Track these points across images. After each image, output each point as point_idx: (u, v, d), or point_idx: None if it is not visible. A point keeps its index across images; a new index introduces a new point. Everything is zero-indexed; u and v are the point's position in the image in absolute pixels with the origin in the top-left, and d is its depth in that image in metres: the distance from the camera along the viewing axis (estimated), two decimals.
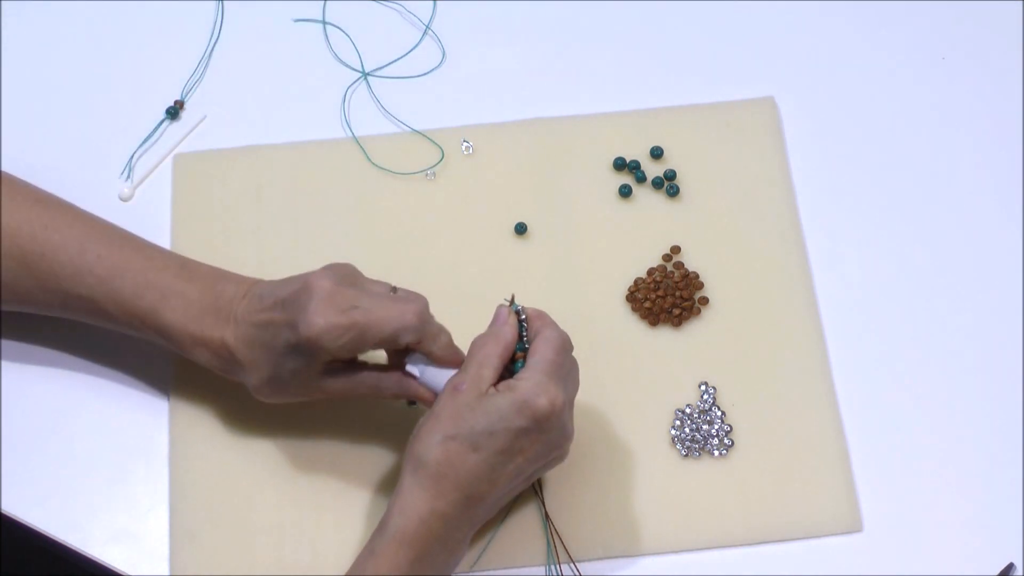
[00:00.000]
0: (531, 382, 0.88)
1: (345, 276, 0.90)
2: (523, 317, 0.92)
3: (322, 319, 0.87)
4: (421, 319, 0.89)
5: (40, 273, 0.94)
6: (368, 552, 0.88)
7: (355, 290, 0.90)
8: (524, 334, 0.92)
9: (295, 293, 0.89)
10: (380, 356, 0.94)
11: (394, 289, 0.92)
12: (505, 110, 1.12)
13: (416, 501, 0.87)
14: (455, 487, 0.87)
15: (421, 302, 0.90)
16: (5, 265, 0.94)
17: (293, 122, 1.11)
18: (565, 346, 0.91)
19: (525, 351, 0.91)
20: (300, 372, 0.91)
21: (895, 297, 1.05)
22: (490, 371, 0.90)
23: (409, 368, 0.92)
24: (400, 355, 0.92)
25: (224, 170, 1.09)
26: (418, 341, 0.90)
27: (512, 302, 0.93)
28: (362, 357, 0.93)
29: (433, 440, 0.88)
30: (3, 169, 0.99)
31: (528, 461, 0.89)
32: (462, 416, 0.88)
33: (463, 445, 0.87)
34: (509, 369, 0.91)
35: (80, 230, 0.95)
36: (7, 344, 1.03)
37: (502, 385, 0.89)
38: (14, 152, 1.09)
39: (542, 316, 0.93)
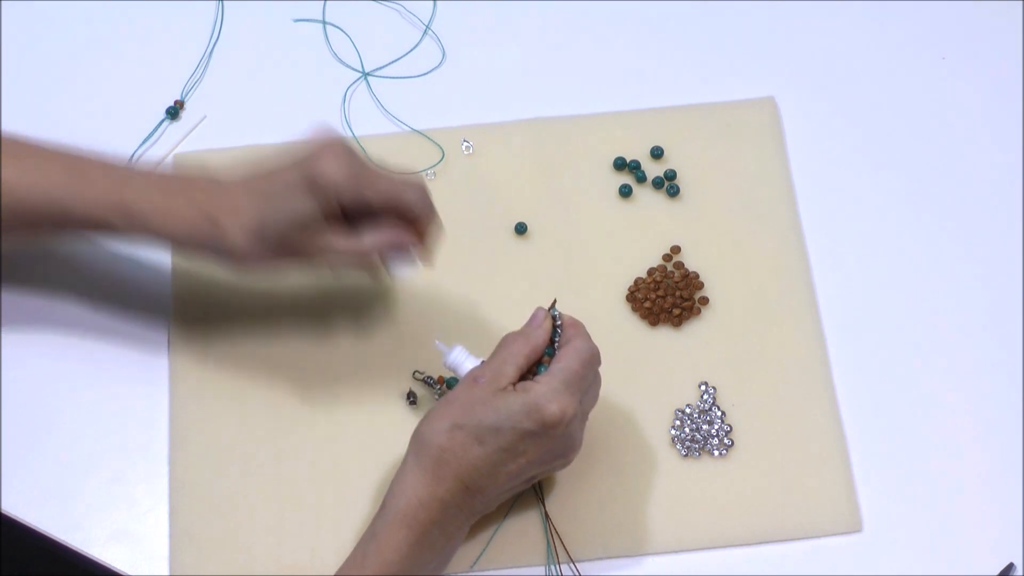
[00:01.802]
0: (546, 387, 0.88)
1: (350, 145, 0.92)
2: (559, 323, 0.92)
3: (335, 159, 0.90)
4: (422, 197, 0.92)
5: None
6: (370, 535, 0.89)
7: (363, 158, 0.92)
8: (556, 339, 0.92)
9: (305, 147, 0.91)
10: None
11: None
12: (505, 110, 1.12)
13: (416, 484, 0.88)
14: (454, 475, 0.88)
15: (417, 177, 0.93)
16: None
17: (293, 122, 1.11)
18: (592, 360, 0.92)
19: (552, 356, 0.91)
20: (295, 223, 0.90)
21: (895, 297, 1.06)
22: (513, 369, 0.90)
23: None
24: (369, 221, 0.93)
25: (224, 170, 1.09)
26: (421, 217, 0.92)
27: (552, 307, 0.93)
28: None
29: (441, 426, 0.88)
30: None
31: (530, 464, 0.90)
32: (474, 408, 0.88)
33: (469, 436, 0.88)
34: (533, 371, 0.91)
35: (37, 152, 0.95)
36: (7, 344, 1.03)
37: (519, 385, 0.89)
38: None
39: (577, 325, 0.93)
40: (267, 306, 1.04)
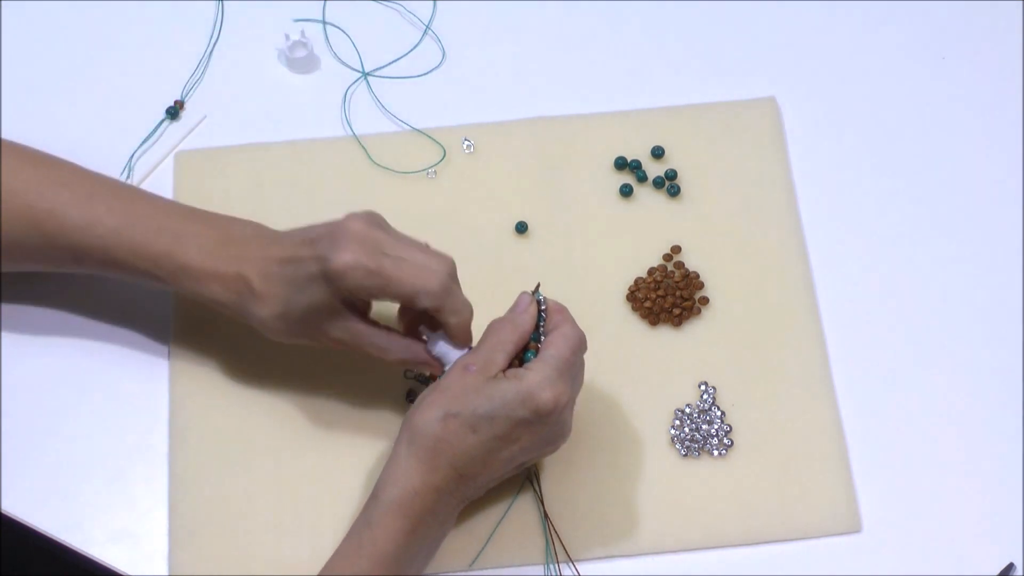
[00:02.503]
0: (540, 375, 0.88)
1: (377, 222, 0.91)
2: (543, 308, 0.93)
3: (351, 255, 0.88)
4: (444, 288, 0.90)
5: (50, 230, 0.94)
6: (364, 522, 0.89)
7: (386, 235, 0.91)
8: (541, 325, 0.92)
9: (327, 230, 0.90)
10: (393, 310, 0.95)
11: (426, 245, 0.92)
12: (505, 110, 1.12)
13: (411, 473, 0.88)
14: (448, 463, 0.88)
15: (446, 267, 0.91)
16: (14, 226, 0.94)
17: (293, 122, 1.11)
18: (580, 345, 0.92)
19: (538, 341, 0.92)
20: (313, 309, 0.91)
21: (895, 297, 1.05)
22: (502, 356, 0.90)
23: (425, 333, 0.94)
24: (414, 321, 0.94)
25: (225, 169, 1.09)
26: (437, 309, 0.91)
27: (536, 291, 0.93)
28: (378, 313, 0.95)
29: (434, 414, 0.89)
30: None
31: (523, 450, 0.90)
32: (467, 396, 0.89)
33: (462, 425, 0.88)
34: (520, 357, 0.92)
35: (87, 185, 0.95)
36: (7, 343, 1.03)
37: (511, 372, 0.90)
38: None
39: (563, 311, 0.93)
40: None
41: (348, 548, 0.90)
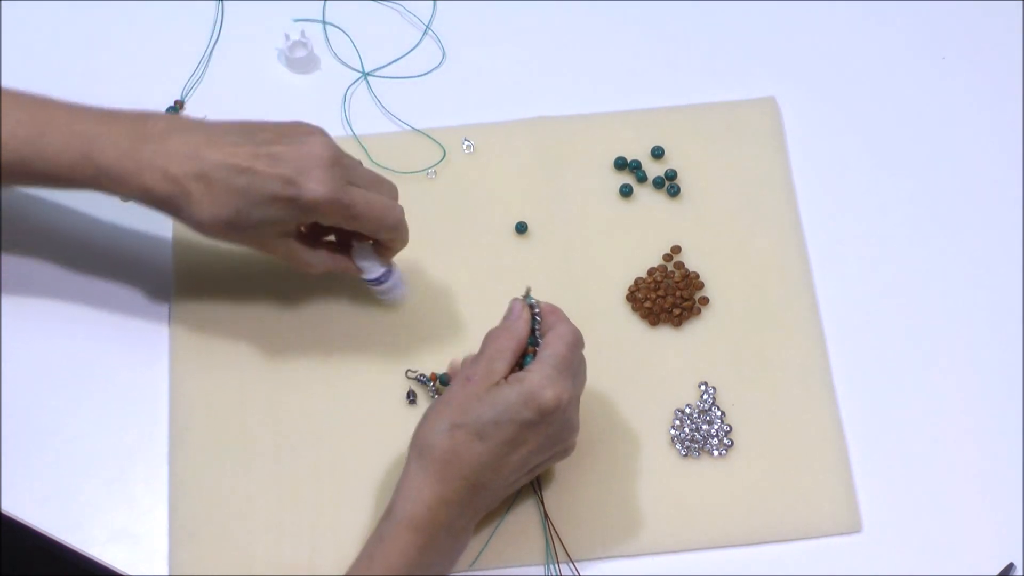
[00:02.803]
0: (540, 375, 0.89)
1: (335, 146, 0.93)
2: (537, 311, 0.93)
3: (327, 189, 0.90)
4: (400, 222, 0.95)
5: None
6: (376, 538, 0.89)
7: (347, 161, 0.93)
8: (536, 328, 0.92)
9: (291, 152, 0.91)
10: None
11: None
12: (505, 110, 1.12)
13: (422, 488, 0.88)
14: (460, 475, 0.88)
15: (396, 196, 0.96)
16: None
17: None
18: (577, 342, 0.92)
19: (536, 345, 0.92)
20: (265, 223, 0.92)
21: (895, 297, 1.05)
22: (502, 364, 0.90)
23: (353, 241, 0.97)
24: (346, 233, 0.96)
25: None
26: (390, 240, 0.95)
27: (527, 295, 0.93)
28: None
29: (440, 427, 0.89)
30: None
31: (532, 453, 0.90)
32: (470, 406, 0.89)
33: (469, 434, 0.88)
34: (520, 363, 0.92)
35: None
36: (7, 344, 1.03)
37: (512, 377, 0.90)
38: None
39: (556, 311, 0.94)
40: (267, 312, 1.04)
41: (360, 564, 0.89)
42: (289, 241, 0.95)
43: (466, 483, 0.89)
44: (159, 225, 1.07)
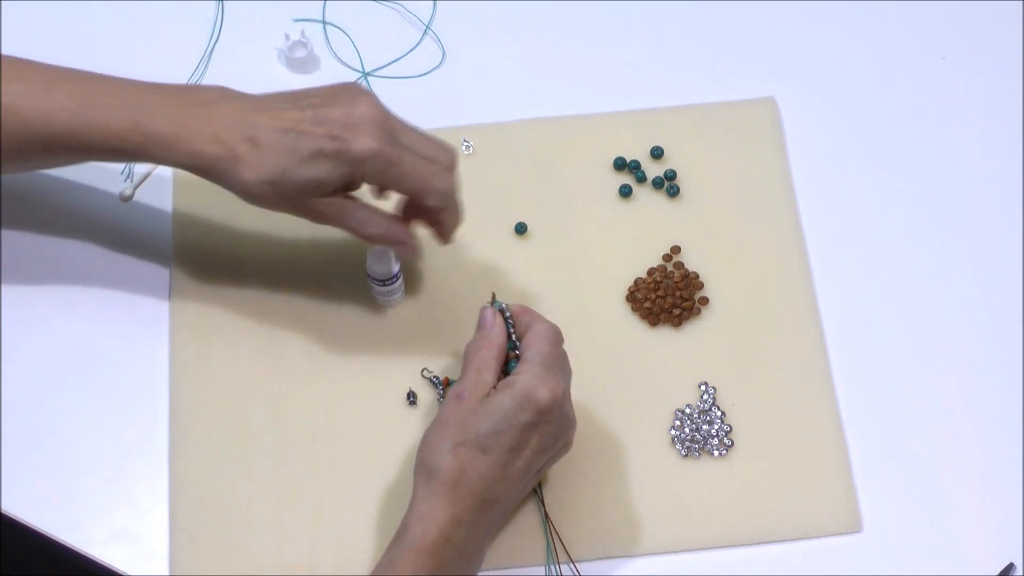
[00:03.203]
0: (530, 375, 0.89)
1: (385, 107, 0.92)
2: (508, 315, 0.93)
3: (375, 142, 0.90)
4: (451, 189, 0.93)
5: (12, 127, 0.93)
6: (387, 563, 0.88)
7: (398, 122, 0.92)
8: (512, 331, 0.92)
9: (340, 110, 0.90)
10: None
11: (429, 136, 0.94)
12: (505, 110, 1.12)
13: (434, 511, 0.87)
14: (471, 492, 0.88)
15: (454, 164, 0.94)
16: None
17: None
18: (557, 337, 0.92)
19: (515, 349, 0.92)
20: (312, 183, 0.91)
21: (895, 297, 1.06)
22: (489, 375, 0.90)
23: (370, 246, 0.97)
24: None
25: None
26: (439, 209, 0.93)
27: (493, 301, 0.93)
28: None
29: (443, 448, 0.88)
30: None
31: (535, 454, 0.90)
32: (468, 421, 0.88)
33: (473, 449, 0.88)
34: (504, 370, 0.92)
35: (42, 75, 0.94)
36: (7, 344, 1.03)
37: (501, 384, 0.90)
38: None
39: (528, 311, 0.94)
40: (268, 313, 1.04)
41: None
42: (337, 200, 0.93)
43: (477, 500, 0.88)
44: (159, 226, 1.07)
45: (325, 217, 0.94)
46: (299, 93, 0.93)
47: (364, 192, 0.95)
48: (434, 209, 0.94)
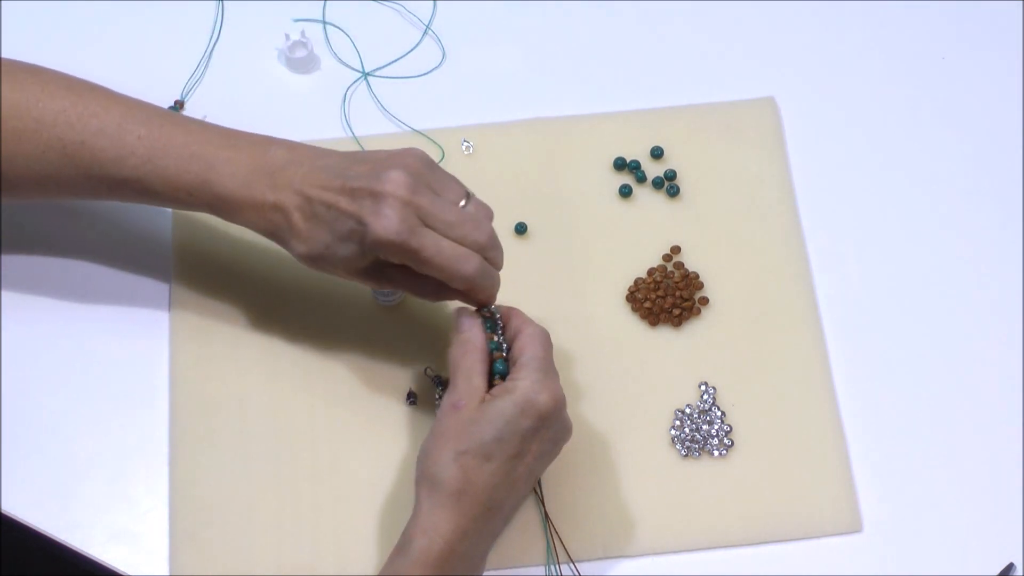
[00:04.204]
0: (529, 381, 0.88)
1: (420, 176, 0.90)
2: (498, 316, 0.93)
3: (392, 229, 0.87)
4: (478, 272, 0.90)
5: (82, 161, 0.93)
6: (391, 574, 0.88)
7: (429, 198, 0.89)
8: (500, 334, 0.92)
9: (368, 188, 0.89)
10: None
11: (468, 197, 0.92)
12: (505, 110, 1.12)
13: (438, 522, 0.87)
14: (477, 501, 0.87)
15: (484, 244, 0.91)
16: (49, 158, 0.93)
17: (293, 122, 1.11)
18: (548, 340, 0.92)
19: (501, 349, 0.92)
20: (350, 258, 0.91)
21: (895, 297, 1.06)
22: (479, 379, 0.90)
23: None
24: None
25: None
26: (467, 290, 0.91)
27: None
28: None
29: (445, 458, 0.87)
30: None
31: (536, 459, 0.90)
32: (468, 430, 0.88)
33: (476, 458, 0.87)
34: (491, 371, 0.91)
35: (118, 113, 0.94)
36: (7, 344, 1.03)
37: (498, 390, 0.89)
38: None
39: (518, 313, 0.93)
40: (267, 314, 1.04)
41: None
42: (387, 271, 0.93)
43: (482, 508, 0.88)
44: (159, 226, 1.07)
45: (383, 284, 0.94)
46: (358, 156, 0.92)
47: None
48: (462, 290, 0.92)
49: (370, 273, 0.93)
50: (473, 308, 0.94)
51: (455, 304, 1.02)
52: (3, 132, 0.92)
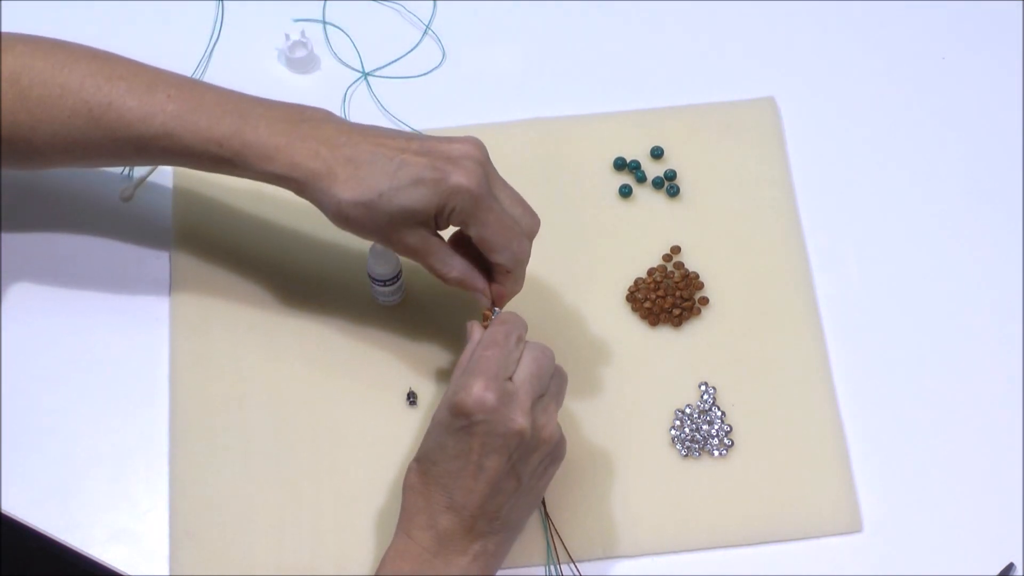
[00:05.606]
0: (455, 383, 0.88)
1: (487, 155, 0.92)
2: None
3: (472, 178, 0.89)
4: (525, 255, 0.92)
5: (110, 123, 0.92)
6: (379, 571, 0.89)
7: (495, 173, 0.92)
8: None
9: (440, 149, 0.90)
10: None
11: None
12: (505, 110, 1.12)
13: (411, 527, 0.89)
14: (440, 507, 0.88)
15: (533, 233, 0.93)
16: (75, 122, 0.93)
17: None
18: (496, 339, 0.89)
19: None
20: (406, 210, 0.90)
21: (895, 297, 1.06)
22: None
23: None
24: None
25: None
26: (507, 270, 0.92)
27: (493, 312, 0.93)
28: None
29: (409, 469, 0.90)
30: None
31: (486, 456, 0.87)
32: (423, 441, 0.90)
33: (423, 464, 0.89)
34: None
35: (145, 76, 0.94)
36: (7, 344, 1.03)
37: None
38: None
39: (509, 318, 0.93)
40: (267, 313, 1.04)
41: None
42: (427, 234, 0.92)
43: (454, 514, 0.88)
44: (159, 225, 1.07)
45: (410, 250, 0.93)
46: (408, 132, 0.94)
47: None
48: (500, 267, 0.93)
49: (412, 231, 0.92)
50: (481, 317, 0.94)
51: (455, 304, 1.02)
52: (29, 100, 0.92)
